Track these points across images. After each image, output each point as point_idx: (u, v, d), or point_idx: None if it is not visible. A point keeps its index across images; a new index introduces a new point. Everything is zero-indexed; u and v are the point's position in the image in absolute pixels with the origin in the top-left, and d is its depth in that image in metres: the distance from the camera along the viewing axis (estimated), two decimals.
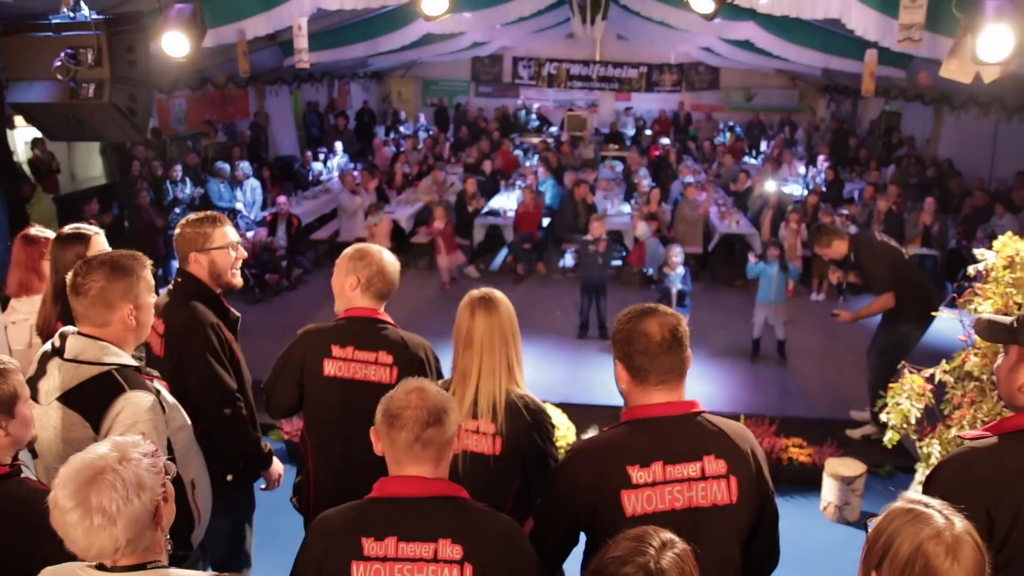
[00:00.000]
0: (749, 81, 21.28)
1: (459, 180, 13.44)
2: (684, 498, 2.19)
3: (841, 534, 5.30)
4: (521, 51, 21.67)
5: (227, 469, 3.25)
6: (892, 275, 5.96)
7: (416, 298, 9.90)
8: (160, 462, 1.85)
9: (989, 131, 13.11)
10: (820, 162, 15.26)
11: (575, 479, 2.26)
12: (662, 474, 2.19)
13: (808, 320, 9.36)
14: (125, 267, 2.63)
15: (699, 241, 11.20)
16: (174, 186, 10.97)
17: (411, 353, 3.14)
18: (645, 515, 2.15)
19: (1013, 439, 2.08)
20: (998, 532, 2.00)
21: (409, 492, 2.05)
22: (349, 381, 3.11)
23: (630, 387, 2.31)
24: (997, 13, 4.61)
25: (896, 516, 1.70)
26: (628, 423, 2.29)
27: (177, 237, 3.30)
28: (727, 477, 2.22)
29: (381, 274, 3.18)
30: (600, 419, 5.98)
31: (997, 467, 2.03)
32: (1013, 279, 3.78)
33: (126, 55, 4.93)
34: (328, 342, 3.14)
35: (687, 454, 2.22)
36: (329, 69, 16.90)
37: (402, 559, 1.99)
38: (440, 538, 2.00)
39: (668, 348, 2.24)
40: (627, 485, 2.18)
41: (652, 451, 2.21)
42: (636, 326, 2.27)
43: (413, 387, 2.11)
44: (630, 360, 2.27)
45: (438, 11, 5.80)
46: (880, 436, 4.56)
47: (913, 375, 4.17)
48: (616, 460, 2.20)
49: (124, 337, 2.66)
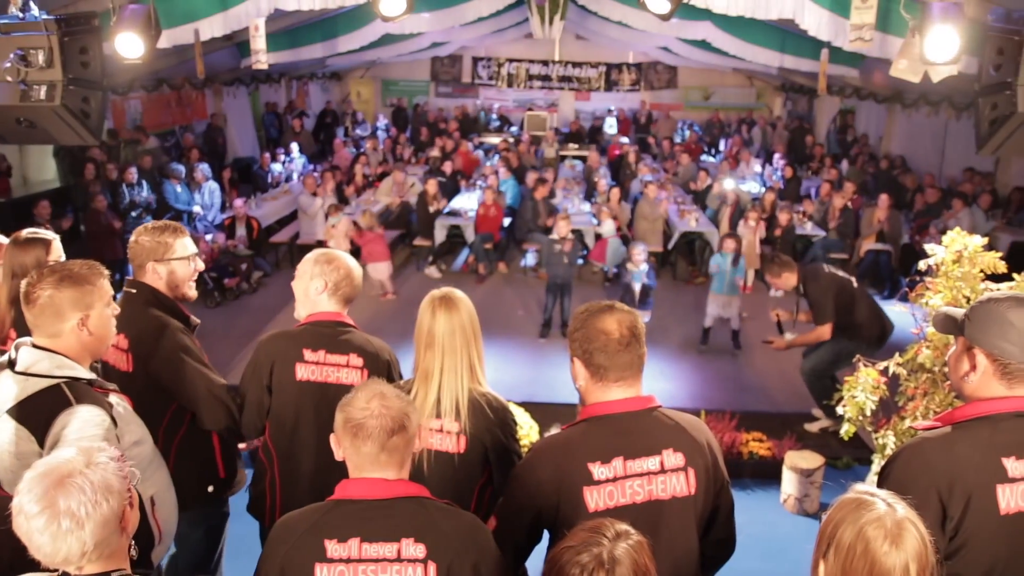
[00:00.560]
0: (707, 80, 21.52)
1: (419, 181, 13.42)
2: (644, 491, 2.23)
3: (801, 525, 5.39)
4: (480, 51, 21.68)
5: (208, 480, 3.23)
6: (834, 308, 6.08)
7: (377, 300, 9.87)
8: (126, 467, 1.83)
9: (939, 129, 13.43)
10: (776, 160, 15.49)
11: (537, 477, 2.27)
12: (623, 469, 2.22)
13: (767, 316, 9.47)
14: (77, 276, 2.57)
15: (659, 239, 11.30)
16: (130, 189, 10.79)
17: (379, 357, 3.15)
18: (607, 510, 2.18)
19: (963, 428, 2.13)
20: (951, 518, 2.06)
21: (371, 494, 2.06)
22: (322, 385, 3.09)
23: (588, 384, 2.33)
24: (943, 15, 4.73)
25: (843, 506, 1.76)
26: (587, 420, 2.31)
27: (133, 245, 3.22)
28: (685, 469, 2.26)
29: (348, 279, 3.18)
30: (563, 418, 6.00)
31: (948, 455, 2.09)
32: (961, 273, 3.88)
33: (78, 56, 4.84)
34: (299, 346, 3.11)
35: (646, 449, 2.25)
36: (287, 70, 16.75)
37: (365, 560, 2.00)
38: (403, 538, 2.01)
39: (626, 345, 2.26)
40: (589, 481, 2.20)
41: (612, 447, 2.23)
42: (594, 324, 2.29)
43: (373, 393, 2.10)
44: (589, 358, 2.29)
45: (396, 11, 5.80)
46: (837, 428, 4.65)
47: (868, 368, 4.25)
48: (577, 457, 2.23)
49: (78, 349, 2.60)
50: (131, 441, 2.65)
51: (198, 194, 11.90)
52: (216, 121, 15.50)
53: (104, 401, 2.56)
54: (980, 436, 2.09)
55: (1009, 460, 2.06)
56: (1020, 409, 2.09)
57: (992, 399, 2.12)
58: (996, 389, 2.12)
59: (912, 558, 1.67)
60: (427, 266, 11.23)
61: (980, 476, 2.06)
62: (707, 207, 12.56)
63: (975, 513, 2.05)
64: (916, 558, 1.68)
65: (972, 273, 3.87)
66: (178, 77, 12.52)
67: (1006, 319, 2.08)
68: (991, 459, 2.06)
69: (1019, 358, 2.07)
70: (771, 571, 4.53)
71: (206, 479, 3.23)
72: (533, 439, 5.90)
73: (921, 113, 12.47)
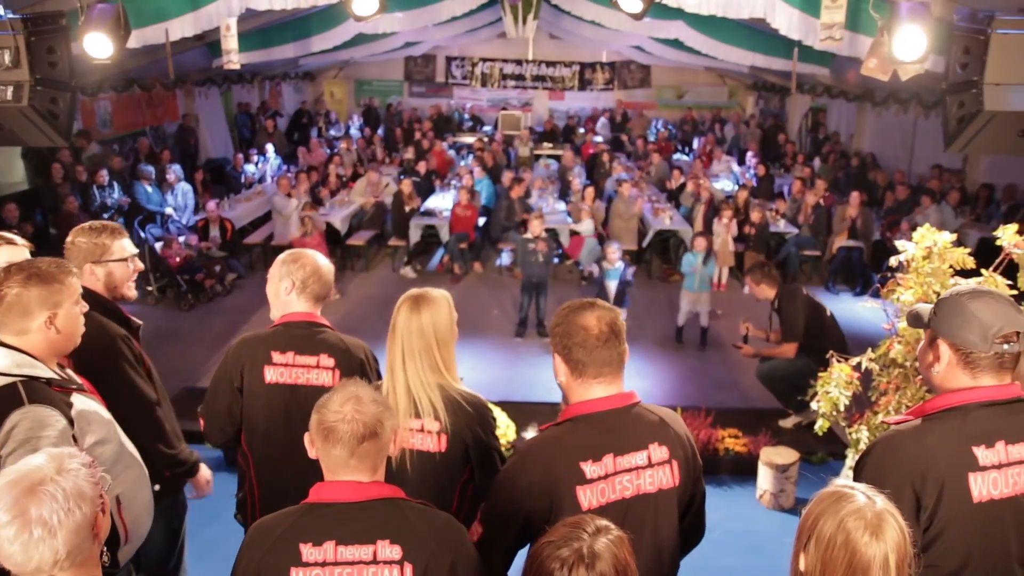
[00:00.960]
0: (680, 79, 21.63)
1: (394, 181, 13.37)
2: (633, 486, 2.26)
3: (777, 520, 5.44)
4: (454, 51, 21.65)
5: (153, 479, 3.17)
6: (804, 329, 6.26)
7: (351, 300, 9.83)
8: (97, 473, 1.81)
9: (908, 126, 13.60)
10: (749, 158, 15.61)
11: (528, 479, 2.27)
12: (613, 466, 2.25)
13: (741, 313, 9.54)
14: (45, 274, 2.55)
15: (634, 238, 11.35)
16: (101, 191, 10.66)
17: (352, 355, 3.12)
18: (600, 507, 2.20)
19: (933, 420, 2.18)
20: (925, 508, 2.10)
21: (345, 497, 2.05)
22: (292, 387, 3.07)
23: (569, 381, 2.34)
24: (911, 14, 4.79)
25: (823, 499, 1.79)
26: (572, 420, 2.32)
27: (70, 247, 3.16)
28: (670, 462, 2.31)
29: (316, 275, 3.14)
30: (539, 416, 6.02)
31: (920, 447, 2.13)
32: (931, 269, 3.93)
33: (46, 56, 4.79)
34: (268, 349, 3.09)
35: (634, 444, 2.28)
36: (260, 70, 16.62)
37: (341, 563, 1.99)
38: (379, 539, 2.00)
39: (606, 341, 2.28)
40: (582, 480, 2.22)
41: (602, 445, 2.26)
42: (574, 320, 2.31)
43: (348, 396, 2.08)
44: (568, 353, 2.30)
45: (368, 11, 5.77)
46: (812, 422, 4.70)
47: (841, 364, 4.30)
48: (568, 457, 2.24)
49: (44, 347, 2.58)
50: (93, 441, 2.61)
51: (170, 195, 11.78)
52: (188, 122, 15.35)
53: (60, 401, 2.53)
54: (950, 427, 2.13)
55: (979, 449, 2.10)
56: (988, 399, 2.13)
57: (960, 390, 2.16)
58: (962, 379, 2.16)
59: (892, 549, 1.70)
60: (402, 266, 11.20)
61: (952, 465, 2.09)
62: (681, 205, 12.63)
63: (948, 502, 2.08)
64: (895, 549, 1.71)
65: (942, 269, 3.93)
66: (149, 77, 12.37)
67: (967, 309, 2.13)
68: (962, 449, 2.10)
69: (980, 347, 2.11)
70: (748, 566, 4.56)
71: (152, 478, 3.16)
72: (511, 438, 5.91)
73: (891, 111, 12.62)
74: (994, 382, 2.14)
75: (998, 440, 2.11)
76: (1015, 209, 10.69)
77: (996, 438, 2.11)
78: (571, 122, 20.89)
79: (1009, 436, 2.12)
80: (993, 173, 11.86)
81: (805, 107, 18.05)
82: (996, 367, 2.13)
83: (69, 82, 4.96)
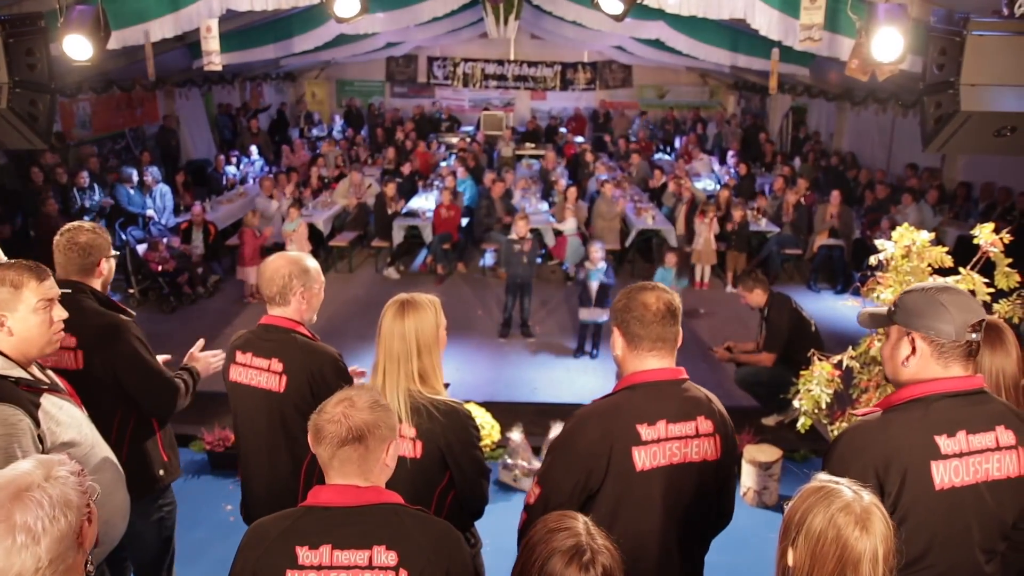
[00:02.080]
0: (661, 79, 21.73)
1: (376, 182, 13.35)
2: (680, 454, 2.41)
3: (761, 518, 5.48)
4: (436, 51, 21.63)
5: (157, 465, 3.32)
6: (786, 342, 6.39)
7: (335, 302, 9.80)
8: (86, 481, 1.80)
9: (887, 126, 13.72)
10: (730, 157, 15.70)
11: (588, 439, 2.39)
12: (665, 432, 2.40)
13: (722, 312, 9.63)
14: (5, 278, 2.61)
15: (616, 238, 11.38)
16: (82, 193, 10.58)
17: (306, 362, 3.09)
18: (652, 469, 2.37)
19: (897, 410, 2.25)
20: (888, 495, 2.16)
21: (342, 501, 2.05)
22: (246, 387, 3.14)
23: (625, 353, 2.50)
24: (888, 16, 4.84)
25: (809, 495, 1.82)
26: (630, 387, 2.46)
27: (89, 242, 3.26)
28: (714, 435, 2.47)
29: (261, 279, 3.26)
30: (524, 417, 6.04)
31: (883, 436, 2.20)
32: (911, 268, 3.97)
33: (25, 58, 4.74)
34: (235, 347, 3.20)
35: (685, 414, 2.44)
36: (240, 70, 16.55)
37: (337, 567, 1.99)
38: (375, 545, 2.01)
39: (662, 318, 2.45)
40: (637, 442, 2.37)
41: (657, 410, 2.41)
42: (635, 296, 2.48)
43: (343, 398, 2.08)
44: (626, 326, 2.47)
45: (350, 13, 5.77)
46: (794, 420, 4.74)
47: (822, 362, 4.34)
48: (626, 419, 2.39)
49: (10, 348, 2.61)
50: (61, 442, 2.62)
51: (149, 198, 11.70)
52: (169, 123, 15.27)
53: (26, 400, 2.55)
54: (913, 417, 2.20)
55: (941, 438, 2.16)
56: (950, 390, 2.21)
57: (924, 382, 2.24)
58: (933, 370, 2.23)
59: (880, 542, 1.75)
60: (386, 267, 11.18)
61: (914, 454, 2.16)
62: (663, 205, 12.68)
63: (911, 489, 2.14)
64: (883, 541, 1.76)
65: (920, 268, 3.97)
66: (128, 79, 12.29)
67: (939, 302, 2.22)
68: (924, 438, 2.17)
69: (953, 337, 2.19)
70: (733, 563, 4.59)
71: (157, 465, 3.32)
72: (495, 439, 5.91)
73: (870, 111, 12.74)
74: (961, 372, 2.22)
75: (960, 430, 2.18)
76: (992, 207, 10.82)
77: (958, 428, 2.18)
78: (553, 122, 20.91)
79: (971, 426, 2.19)
80: (970, 171, 11.99)
81: (786, 107, 18.17)
82: (965, 356, 2.22)
83: (48, 84, 4.91)
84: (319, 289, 3.25)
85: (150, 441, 3.31)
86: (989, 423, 2.20)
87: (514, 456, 5.67)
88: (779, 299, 6.65)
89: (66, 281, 3.16)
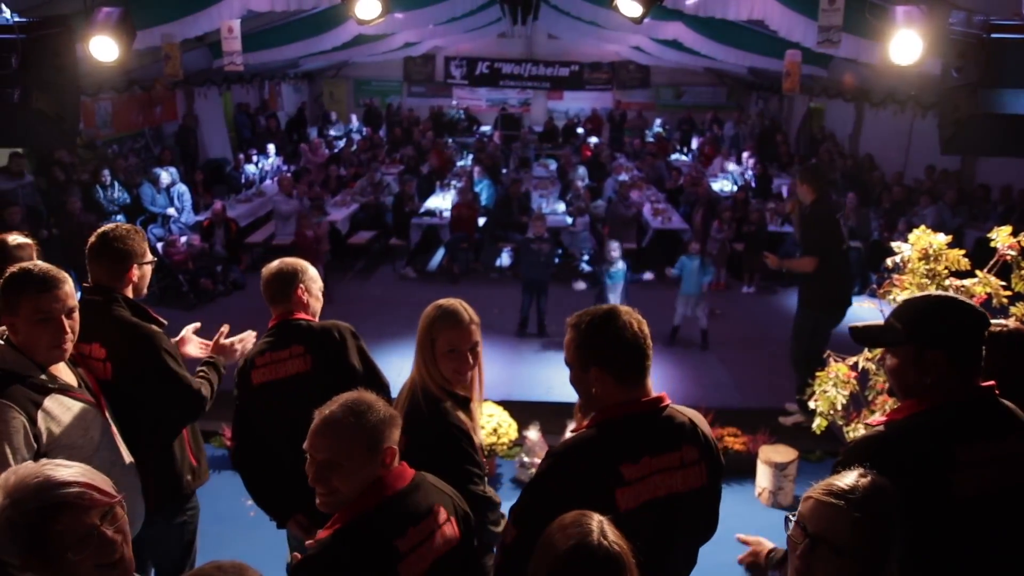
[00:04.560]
0: (678, 79, 21.68)
1: (394, 181, 13.40)
2: (666, 486, 2.26)
3: (776, 518, 5.43)
4: (453, 51, 21.67)
5: (186, 471, 3.31)
6: (821, 246, 6.38)
7: (352, 300, 9.86)
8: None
9: (905, 127, 13.63)
10: (746, 158, 15.66)
11: (565, 481, 2.24)
12: (649, 467, 2.24)
13: (739, 312, 9.62)
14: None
15: (633, 237, 11.39)
16: (104, 191, 10.69)
17: (322, 337, 3.26)
18: (637, 507, 2.21)
19: (899, 424, 2.27)
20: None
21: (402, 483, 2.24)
22: (274, 383, 3.22)
23: (600, 386, 2.32)
24: (906, 18, 4.84)
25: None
26: (608, 421, 2.30)
27: (122, 246, 3.15)
28: (699, 463, 2.33)
29: (263, 282, 3.33)
30: (540, 415, 6.06)
31: (880, 447, 2.21)
32: (927, 270, 3.98)
33: (52, 59, 4.81)
34: (252, 354, 3.29)
35: (668, 445, 2.29)
36: (259, 70, 16.65)
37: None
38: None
39: (634, 345, 2.29)
40: (621, 483, 2.21)
41: (639, 447, 2.25)
42: (602, 325, 2.30)
43: (346, 400, 2.20)
44: (598, 353, 2.30)
45: (371, 15, 5.82)
46: (809, 423, 4.74)
47: (838, 363, 4.35)
48: (607, 460, 2.23)
49: (28, 345, 2.64)
50: (61, 445, 2.63)
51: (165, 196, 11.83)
52: (188, 122, 15.38)
53: (25, 399, 2.57)
54: (933, 426, 2.20)
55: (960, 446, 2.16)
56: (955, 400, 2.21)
57: (932, 393, 2.23)
58: (951, 380, 2.21)
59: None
60: (403, 267, 11.25)
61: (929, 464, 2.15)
62: (680, 205, 12.67)
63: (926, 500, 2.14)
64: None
65: (937, 270, 3.97)
66: (149, 78, 12.40)
67: (951, 316, 2.23)
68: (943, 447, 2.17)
69: (969, 348, 2.21)
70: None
71: (185, 470, 3.33)
72: (512, 437, 5.94)
73: (888, 112, 12.67)
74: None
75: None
76: (1011, 210, 10.74)
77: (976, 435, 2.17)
78: (570, 122, 20.90)
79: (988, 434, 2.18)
80: (989, 173, 11.91)
81: (803, 108, 18.09)
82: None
83: (74, 84, 4.99)
84: (318, 291, 3.38)
85: (178, 446, 3.30)
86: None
87: (531, 454, 5.70)
88: (825, 204, 6.60)
89: (96, 287, 3.15)
